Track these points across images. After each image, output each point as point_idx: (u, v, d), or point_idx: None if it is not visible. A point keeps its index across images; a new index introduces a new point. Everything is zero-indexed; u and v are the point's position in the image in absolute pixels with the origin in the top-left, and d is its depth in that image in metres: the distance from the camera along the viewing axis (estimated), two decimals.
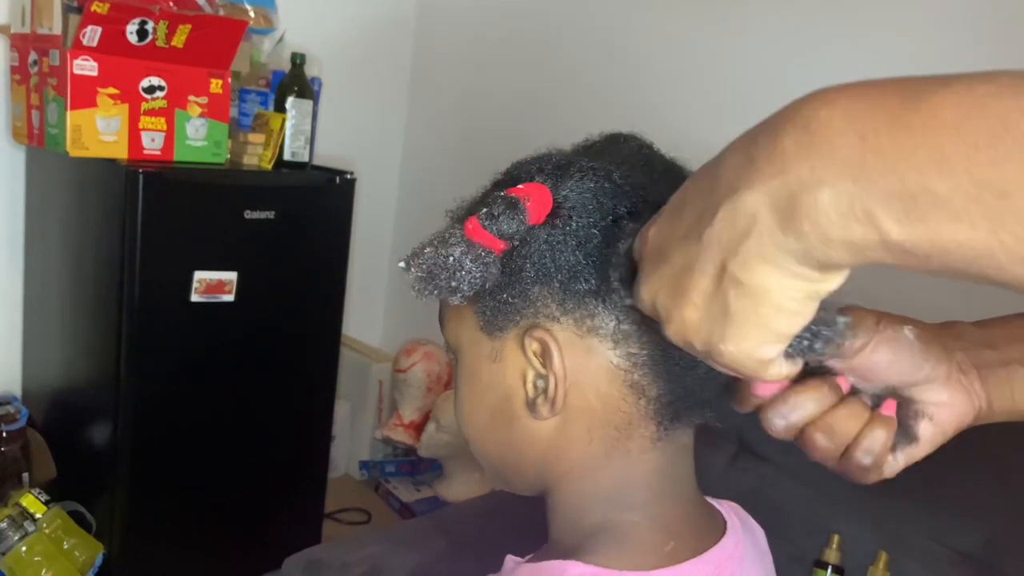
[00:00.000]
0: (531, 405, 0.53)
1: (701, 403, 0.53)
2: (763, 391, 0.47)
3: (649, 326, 0.49)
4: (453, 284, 0.49)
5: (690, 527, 0.55)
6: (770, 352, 0.40)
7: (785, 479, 1.46)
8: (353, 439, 2.55)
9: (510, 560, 0.57)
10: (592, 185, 0.51)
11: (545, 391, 0.52)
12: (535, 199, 0.50)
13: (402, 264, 0.52)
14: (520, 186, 0.51)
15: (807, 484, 1.41)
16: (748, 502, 0.63)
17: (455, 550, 1.54)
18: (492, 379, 0.55)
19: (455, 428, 2.27)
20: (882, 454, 0.48)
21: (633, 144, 0.56)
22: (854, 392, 0.48)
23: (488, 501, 1.89)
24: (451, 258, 0.49)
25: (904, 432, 0.49)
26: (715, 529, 0.57)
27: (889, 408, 0.48)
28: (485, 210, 0.50)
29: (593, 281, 0.50)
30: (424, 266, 0.50)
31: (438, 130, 2.55)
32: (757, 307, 0.38)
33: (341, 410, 2.37)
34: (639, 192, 0.51)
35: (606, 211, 0.50)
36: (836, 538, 1.35)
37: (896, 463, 0.49)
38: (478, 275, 0.49)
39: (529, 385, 0.53)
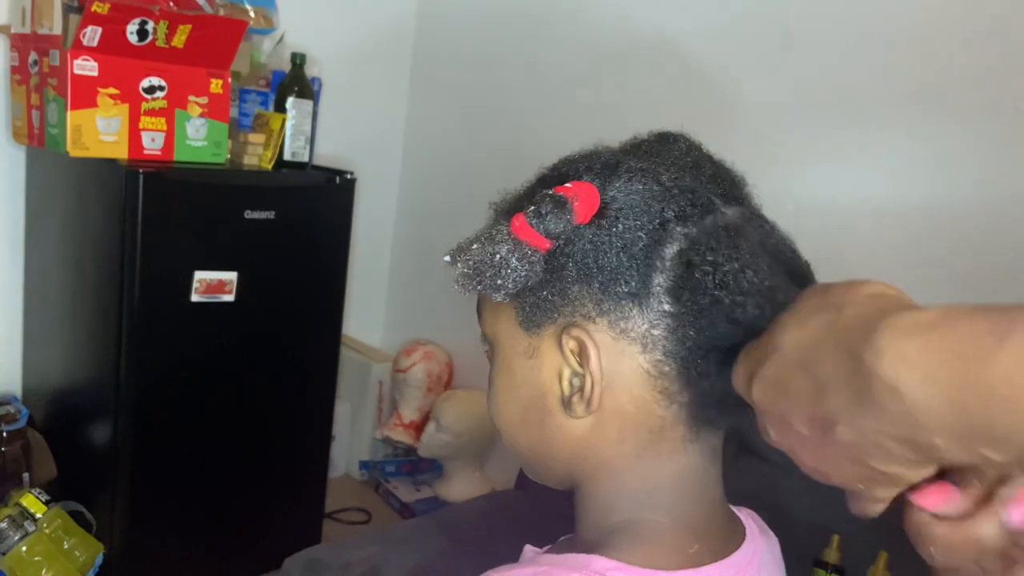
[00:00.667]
0: (566, 403, 0.53)
1: (732, 408, 0.53)
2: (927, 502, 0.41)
3: (677, 336, 0.50)
4: (499, 282, 0.50)
5: (714, 531, 0.55)
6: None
7: (785, 479, 1.46)
8: (353, 439, 2.56)
9: (529, 549, 0.57)
10: (640, 187, 0.51)
11: (581, 390, 0.52)
12: (583, 199, 0.49)
13: (447, 259, 0.52)
14: (568, 184, 0.51)
15: (807, 484, 1.41)
16: (748, 502, 0.63)
17: (455, 550, 1.55)
18: (527, 374, 0.55)
19: (455, 428, 2.28)
20: None
21: (682, 145, 0.56)
22: None
23: (488, 501, 1.89)
24: (498, 256, 0.49)
25: None
26: (736, 534, 0.57)
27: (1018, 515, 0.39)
28: (532, 208, 0.50)
29: (633, 284, 0.50)
30: (470, 262, 0.50)
31: (438, 130, 2.55)
32: None
33: (341, 410, 2.37)
34: (687, 196, 0.51)
35: (653, 214, 0.50)
36: (836, 538, 1.35)
37: None
38: (523, 273, 0.50)
39: (565, 383, 0.53)
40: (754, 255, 0.50)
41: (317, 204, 1.93)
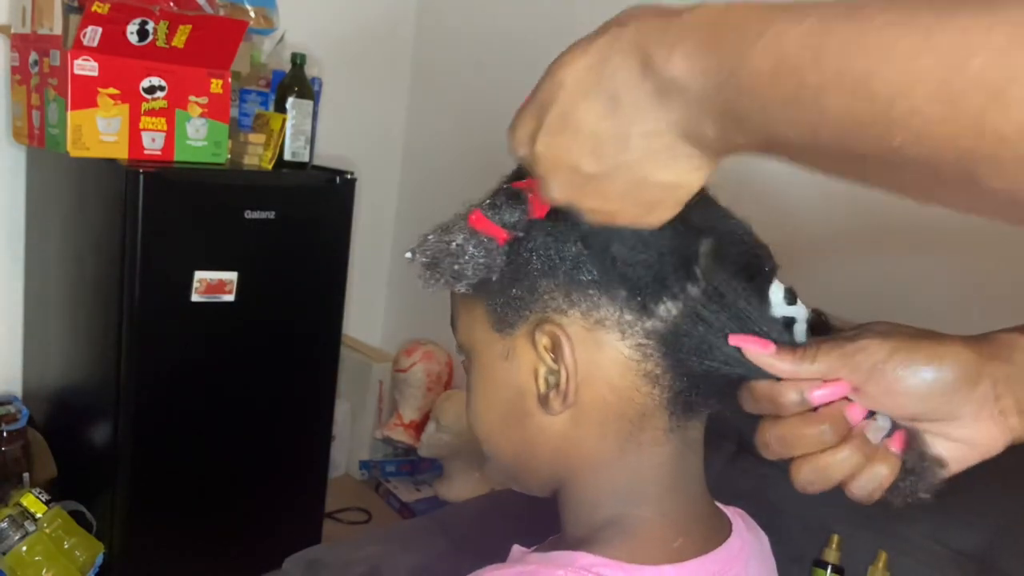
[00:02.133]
0: (543, 400, 0.53)
1: (714, 392, 0.53)
2: (785, 397, 0.46)
3: (652, 315, 0.50)
4: (456, 269, 0.51)
5: (698, 525, 0.55)
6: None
7: (785, 479, 1.46)
8: (353, 439, 2.56)
9: (517, 550, 0.57)
10: None
11: (557, 385, 0.52)
12: (538, 192, 0.50)
13: (408, 254, 0.54)
14: (524, 180, 0.52)
15: None
16: (748, 502, 0.63)
17: (455, 550, 1.55)
18: (505, 377, 0.55)
19: (455, 428, 2.28)
20: (877, 491, 0.46)
21: None
22: (870, 414, 0.46)
23: (488, 501, 1.89)
24: (453, 243, 0.51)
25: (916, 471, 0.46)
26: (721, 529, 0.57)
27: (897, 443, 0.46)
28: (488, 200, 0.51)
29: (595, 272, 0.50)
30: (428, 252, 0.52)
31: (438, 130, 2.55)
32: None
33: (341, 410, 2.37)
34: None
35: None
36: (836, 538, 1.35)
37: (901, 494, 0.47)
38: (481, 261, 0.51)
39: (541, 380, 0.53)
40: (706, 229, 0.50)
41: (317, 204, 1.93)
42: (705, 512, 0.57)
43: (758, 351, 0.47)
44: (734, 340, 0.47)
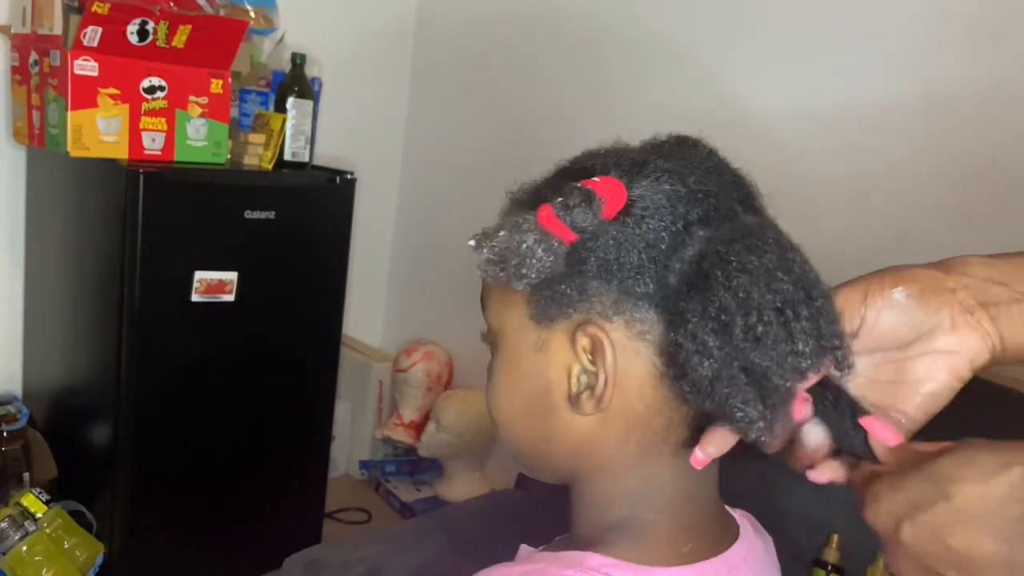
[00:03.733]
0: (574, 400, 0.53)
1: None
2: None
3: (694, 337, 0.49)
4: (523, 271, 0.50)
5: (708, 529, 0.55)
6: None
7: (785, 479, 1.46)
8: (353, 439, 2.56)
9: (524, 549, 0.57)
10: (667, 187, 0.50)
11: (591, 387, 0.51)
12: (609, 194, 0.49)
13: (472, 243, 0.52)
14: (596, 179, 0.50)
15: (807, 484, 1.41)
16: (748, 502, 0.63)
17: (455, 550, 1.55)
18: (534, 368, 0.54)
19: (455, 428, 2.28)
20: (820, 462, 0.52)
21: (703, 149, 0.56)
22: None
23: (488, 501, 1.89)
24: (524, 244, 0.49)
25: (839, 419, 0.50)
26: (729, 533, 0.57)
27: (797, 412, 0.50)
28: (560, 200, 0.49)
29: (652, 285, 0.49)
30: (496, 249, 0.50)
31: (438, 130, 2.55)
32: None
33: (341, 410, 2.37)
34: (711, 200, 0.51)
35: (678, 215, 0.50)
36: (836, 538, 1.35)
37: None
38: (548, 264, 0.49)
39: (574, 379, 0.52)
40: (769, 268, 0.49)
41: (317, 204, 1.93)
42: (715, 517, 0.57)
43: (887, 438, 0.49)
44: (865, 423, 0.49)
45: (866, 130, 1.62)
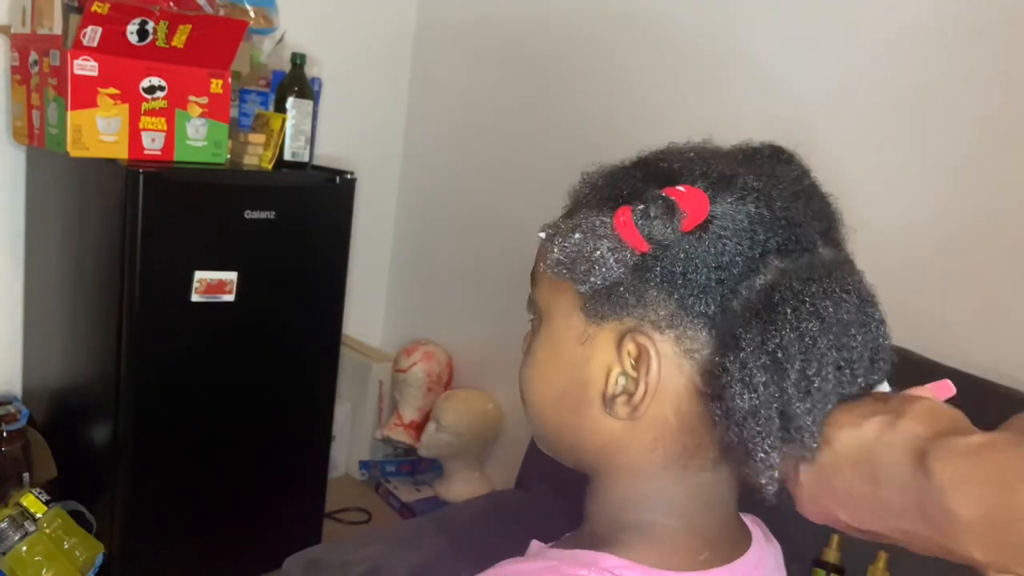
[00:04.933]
0: (609, 401, 0.52)
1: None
2: None
3: (743, 366, 0.47)
4: (591, 278, 0.48)
5: (724, 538, 0.55)
6: None
7: None
8: (353, 439, 2.56)
9: (535, 544, 0.57)
10: (751, 209, 0.49)
11: (629, 393, 0.51)
12: (692, 207, 0.47)
13: (542, 235, 0.51)
14: (680, 188, 0.48)
15: None
16: (748, 501, 0.63)
17: (455, 550, 1.55)
18: (574, 360, 0.53)
19: (455, 428, 2.28)
20: None
21: (796, 169, 0.54)
22: None
23: (488, 501, 1.89)
24: (598, 252, 0.48)
25: None
26: (743, 540, 0.57)
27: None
28: (641, 207, 0.47)
29: (713, 307, 0.48)
30: (568, 250, 0.49)
31: (438, 130, 2.55)
32: None
33: (341, 410, 2.37)
34: (794, 229, 0.49)
35: (756, 241, 0.48)
36: (836, 538, 1.35)
37: None
38: (616, 273, 0.48)
39: (612, 381, 0.52)
40: (844, 321, 0.48)
41: (317, 204, 1.93)
42: (732, 525, 0.57)
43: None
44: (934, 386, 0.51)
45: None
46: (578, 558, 0.50)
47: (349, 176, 1.95)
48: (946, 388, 0.50)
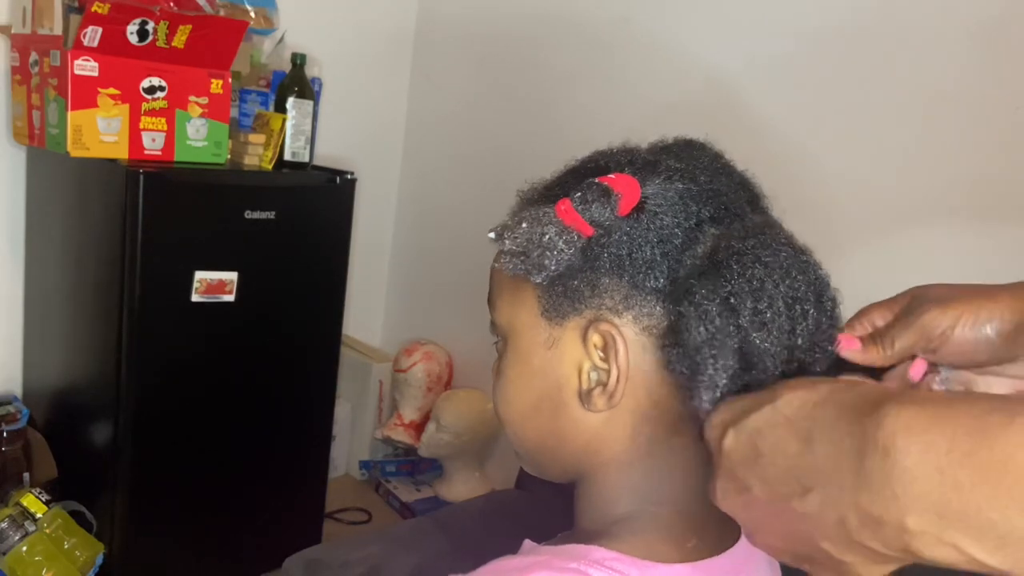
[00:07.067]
0: (585, 396, 0.53)
1: None
2: None
3: (693, 332, 0.49)
4: (545, 263, 0.51)
5: (711, 526, 0.55)
6: None
7: None
8: (353, 439, 2.56)
9: (528, 543, 0.57)
10: (679, 186, 0.52)
11: (603, 384, 0.52)
12: (625, 190, 0.50)
13: (492, 235, 0.53)
14: (611, 176, 0.51)
15: None
16: None
17: (455, 550, 1.55)
18: (544, 366, 0.55)
19: (455, 428, 2.28)
20: None
21: (710, 152, 0.57)
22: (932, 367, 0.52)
23: (488, 501, 1.89)
24: (546, 236, 0.50)
25: None
26: (732, 531, 0.57)
27: (917, 370, 0.52)
28: (579, 194, 0.51)
29: (662, 280, 0.50)
30: (518, 241, 0.51)
31: (438, 130, 2.55)
32: None
33: (341, 410, 2.38)
34: (721, 198, 0.52)
35: (690, 213, 0.51)
36: None
37: None
38: (567, 256, 0.51)
39: (584, 376, 0.53)
40: (785, 265, 0.50)
41: (317, 204, 1.93)
42: (718, 513, 0.57)
43: (851, 348, 0.51)
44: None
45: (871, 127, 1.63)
46: (568, 552, 0.51)
47: (349, 176, 1.95)
48: (919, 365, 0.52)
